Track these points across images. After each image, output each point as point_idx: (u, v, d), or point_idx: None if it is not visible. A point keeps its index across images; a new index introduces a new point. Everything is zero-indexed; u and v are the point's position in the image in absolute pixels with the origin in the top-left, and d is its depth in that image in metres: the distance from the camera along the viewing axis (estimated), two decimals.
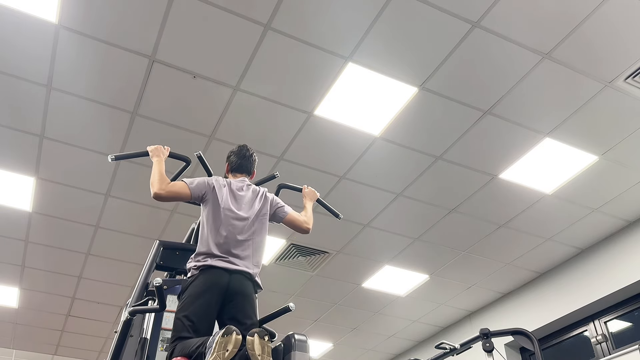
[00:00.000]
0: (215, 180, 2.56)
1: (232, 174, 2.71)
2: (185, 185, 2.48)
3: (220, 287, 2.29)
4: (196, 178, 2.55)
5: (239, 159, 2.71)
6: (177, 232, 5.00)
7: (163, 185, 2.43)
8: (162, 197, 2.44)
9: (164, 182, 2.45)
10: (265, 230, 2.58)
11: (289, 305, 2.65)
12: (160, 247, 2.89)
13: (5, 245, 5.33)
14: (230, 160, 2.72)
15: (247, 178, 2.71)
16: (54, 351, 7.65)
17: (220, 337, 1.95)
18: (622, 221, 5.10)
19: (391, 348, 7.55)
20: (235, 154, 2.73)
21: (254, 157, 2.78)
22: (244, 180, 2.66)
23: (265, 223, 2.58)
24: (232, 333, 1.96)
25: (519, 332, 3.79)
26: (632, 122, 4.01)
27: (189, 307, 2.24)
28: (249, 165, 2.73)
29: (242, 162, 2.71)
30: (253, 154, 2.77)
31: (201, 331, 2.20)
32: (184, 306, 2.26)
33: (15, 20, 3.27)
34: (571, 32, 3.36)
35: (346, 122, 4.03)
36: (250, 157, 2.75)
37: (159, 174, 2.49)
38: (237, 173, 2.70)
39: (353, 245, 5.40)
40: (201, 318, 2.23)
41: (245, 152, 2.74)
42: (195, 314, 2.23)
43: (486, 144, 4.21)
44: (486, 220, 5.03)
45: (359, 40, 3.43)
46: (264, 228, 2.57)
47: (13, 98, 3.79)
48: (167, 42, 3.43)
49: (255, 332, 2.00)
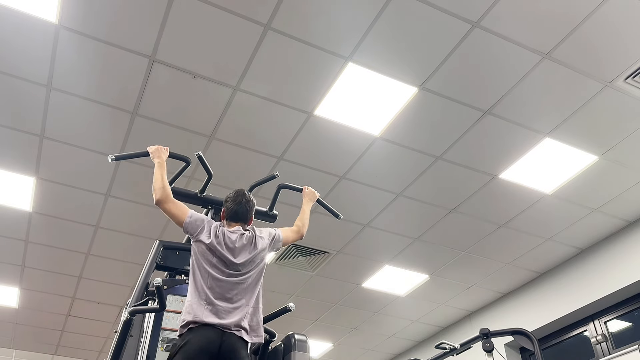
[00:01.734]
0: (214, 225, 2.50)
1: (227, 223, 2.58)
2: (185, 215, 2.44)
3: (213, 349, 2.21)
4: (196, 213, 2.50)
5: (235, 206, 2.58)
6: (177, 232, 4.96)
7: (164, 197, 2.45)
8: (161, 208, 2.46)
9: (167, 193, 2.47)
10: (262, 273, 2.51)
11: (288, 305, 2.65)
12: (160, 247, 2.89)
13: (5, 245, 5.33)
14: (227, 207, 2.60)
15: (243, 226, 2.58)
16: (54, 351, 7.65)
17: None
18: (622, 221, 5.10)
19: (391, 348, 7.55)
20: (232, 200, 2.59)
21: (252, 202, 2.63)
22: (239, 229, 2.54)
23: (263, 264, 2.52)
24: None
25: (519, 332, 3.79)
26: (632, 122, 4.01)
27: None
28: (246, 212, 2.59)
29: (238, 210, 2.57)
30: (250, 199, 2.63)
31: None
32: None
33: (15, 20, 3.27)
34: (571, 32, 3.36)
35: (346, 122, 4.03)
36: (247, 202, 2.60)
37: (162, 182, 2.50)
38: (232, 222, 2.57)
39: (353, 245, 5.40)
40: None
41: (241, 198, 2.59)
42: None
43: (486, 144, 4.21)
44: (486, 220, 5.03)
45: (359, 40, 3.43)
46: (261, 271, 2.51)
47: (13, 98, 3.79)
48: (167, 42, 3.43)
49: None
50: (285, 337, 2.56)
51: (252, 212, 2.64)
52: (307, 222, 2.89)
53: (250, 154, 4.28)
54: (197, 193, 2.95)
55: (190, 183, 4.47)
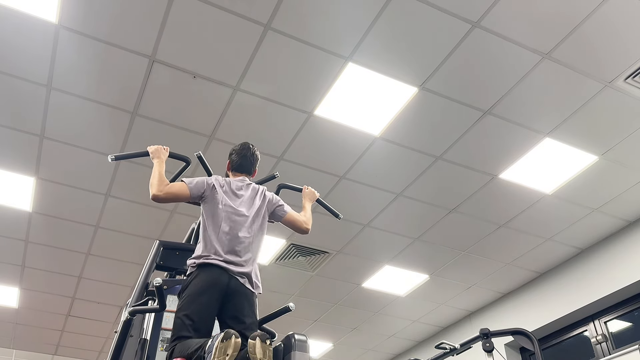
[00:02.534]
0: (215, 179, 2.57)
1: (232, 173, 2.71)
2: (185, 185, 2.48)
3: (221, 286, 2.29)
4: (195, 178, 2.55)
5: (240, 159, 2.70)
6: (177, 232, 5.00)
7: (162, 187, 2.43)
8: (161, 199, 2.44)
9: (163, 183, 2.45)
10: (264, 228, 2.59)
11: (288, 305, 2.65)
12: (160, 247, 2.89)
13: (5, 245, 5.33)
14: (232, 159, 2.72)
15: (248, 177, 2.70)
16: (54, 351, 7.65)
17: (219, 342, 1.94)
18: (622, 221, 5.10)
19: (391, 348, 7.55)
20: (237, 152, 2.72)
21: (256, 156, 2.75)
22: (244, 179, 2.65)
23: (264, 221, 2.58)
24: (231, 337, 1.95)
25: (519, 332, 3.79)
26: (632, 122, 4.01)
27: (189, 306, 2.24)
28: (250, 164, 2.71)
29: (243, 162, 2.70)
30: (255, 153, 2.74)
31: (201, 330, 2.20)
32: (184, 305, 2.26)
33: (15, 20, 3.27)
34: (571, 32, 3.36)
35: (346, 122, 4.03)
36: (252, 156, 2.72)
37: (159, 176, 2.50)
38: (237, 172, 2.69)
39: (353, 245, 5.40)
40: (201, 317, 2.23)
41: (246, 151, 2.71)
42: (195, 313, 2.23)
43: (486, 144, 4.21)
44: (486, 220, 5.03)
45: (359, 40, 3.43)
46: (263, 226, 2.58)
47: (13, 98, 3.79)
48: (167, 42, 3.43)
49: (257, 336, 1.99)
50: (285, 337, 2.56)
51: (256, 164, 2.75)
52: (310, 220, 2.90)
53: None
54: None
55: None
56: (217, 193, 2.50)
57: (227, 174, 2.75)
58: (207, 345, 2.01)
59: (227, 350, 1.93)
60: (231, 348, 1.93)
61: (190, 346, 2.11)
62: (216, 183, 2.54)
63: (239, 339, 1.98)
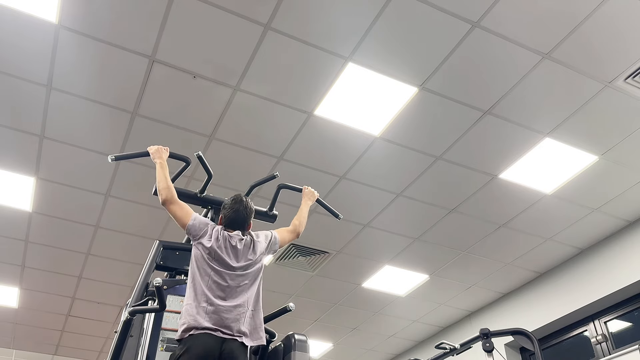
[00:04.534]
0: (215, 229, 2.52)
1: (226, 229, 2.58)
2: (189, 216, 2.49)
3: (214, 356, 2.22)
4: (202, 218, 2.55)
5: (233, 214, 2.57)
6: (177, 232, 4.99)
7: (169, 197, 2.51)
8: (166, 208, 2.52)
9: (172, 194, 2.52)
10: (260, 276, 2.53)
11: (288, 305, 2.65)
12: (160, 247, 2.89)
13: (5, 245, 5.33)
14: (225, 214, 2.60)
15: (242, 232, 2.59)
16: (54, 351, 7.65)
17: None
18: (622, 221, 5.10)
19: (391, 348, 7.55)
20: (230, 207, 2.58)
21: (250, 209, 2.61)
22: (238, 234, 2.56)
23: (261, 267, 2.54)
24: None
25: (519, 332, 3.79)
26: (632, 122, 4.01)
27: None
28: (243, 220, 2.58)
29: (236, 219, 2.57)
30: (248, 206, 2.60)
31: None
32: None
33: (15, 20, 3.27)
34: (571, 32, 3.36)
35: (346, 122, 4.03)
36: (245, 209, 2.58)
37: (166, 182, 2.55)
38: (230, 229, 2.57)
39: (353, 245, 5.40)
40: None
41: (239, 205, 2.58)
42: None
43: (486, 144, 4.21)
44: (486, 220, 5.03)
45: (359, 40, 3.43)
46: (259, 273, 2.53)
47: (13, 98, 3.79)
48: (167, 42, 3.43)
49: None
50: (285, 337, 2.56)
51: (251, 219, 2.61)
52: (305, 221, 2.90)
53: (250, 154, 4.28)
54: (197, 193, 2.94)
55: (191, 183, 4.47)
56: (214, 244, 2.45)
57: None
58: None
59: None
60: None
61: None
62: (214, 234, 2.49)
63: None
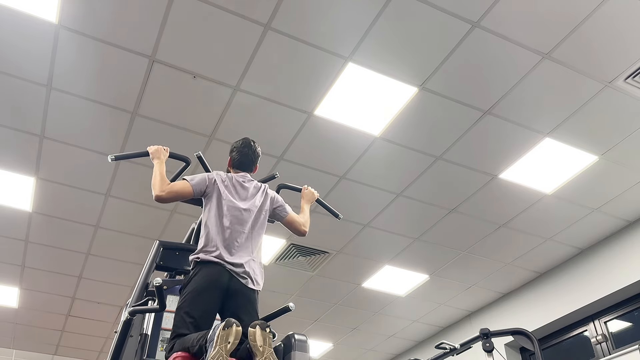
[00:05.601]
0: (216, 174, 2.58)
1: (233, 170, 2.72)
2: (187, 182, 2.50)
3: (221, 285, 2.30)
4: (196, 175, 2.56)
5: (241, 156, 2.69)
6: (177, 232, 5.00)
7: (164, 186, 2.45)
8: (164, 199, 2.46)
9: (165, 183, 2.47)
10: (264, 225, 2.59)
11: (288, 305, 2.65)
12: (160, 247, 2.89)
13: (5, 245, 5.33)
14: (233, 156, 2.71)
15: (249, 174, 2.71)
16: (54, 351, 7.65)
17: (221, 330, 1.98)
18: (622, 221, 5.10)
19: (391, 348, 7.55)
20: (238, 149, 2.70)
21: (257, 153, 2.74)
22: (246, 175, 2.66)
23: (264, 219, 2.59)
24: (232, 325, 1.99)
25: (519, 332, 3.79)
26: (632, 122, 4.01)
27: (190, 304, 2.25)
28: (251, 162, 2.71)
29: (243, 160, 2.70)
30: (256, 150, 2.74)
31: (202, 328, 2.21)
32: (184, 303, 2.27)
33: (15, 20, 3.27)
34: (571, 32, 3.36)
35: (346, 122, 4.03)
36: (253, 153, 2.72)
37: (160, 176, 2.51)
38: (238, 170, 2.69)
39: (353, 245, 5.40)
40: (202, 315, 2.24)
41: (247, 149, 2.70)
42: (196, 310, 2.24)
43: (486, 144, 4.21)
44: (486, 220, 5.03)
45: (359, 40, 3.43)
46: (264, 223, 2.58)
47: (13, 98, 3.79)
48: (167, 42, 3.43)
49: (257, 324, 2.04)
50: (285, 337, 2.56)
51: (257, 161, 2.75)
52: (308, 222, 2.91)
53: None
54: None
55: None
56: (219, 188, 2.51)
57: (228, 170, 2.75)
58: (208, 334, 2.04)
59: (229, 337, 1.96)
60: (232, 336, 1.97)
61: (190, 340, 2.13)
62: (217, 178, 2.55)
63: (240, 327, 2.01)
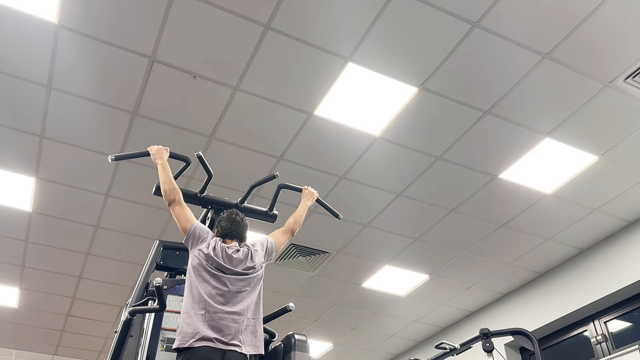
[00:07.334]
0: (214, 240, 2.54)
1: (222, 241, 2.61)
2: (190, 223, 2.53)
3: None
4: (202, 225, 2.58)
5: (230, 225, 2.62)
6: (177, 232, 4.95)
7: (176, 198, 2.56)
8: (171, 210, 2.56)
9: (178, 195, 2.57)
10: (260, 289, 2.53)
11: (288, 305, 2.65)
12: (160, 247, 2.89)
13: (5, 245, 5.33)
14: (221, 226, 2.63)
15: (239, 243, 2.61)
16: (54, 351, 7.65)
17: None
18: (622, 221, 5.10)
19: (391, 348, 7.55)
20: (225, 219, 2.64)
21: (245, 223, 2.67)
22: (235, 245, 2.58)
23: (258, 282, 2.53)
24: None
25: (519, 332, 3.79)
26: (632, 122, 4.01)
27: None
28: (240, 230, 2.63)
29: (233, 228, 2.61)
30: (244, 219, 2.67)
31: None
32: None
33: (15, 20, 3.27)
34: (571, 32, 3.36)
35: (346, 122, 4.03)
36: (241, 222, 2.64)
37: (172, 183, 2.59)
38: (227, 239, 2.59)
39: (353, 245, 5.40)
40: None
41: (235, 217, 2.65)
42: None
43: (486, 144, 4.21)
44: (486, 220, 5.03)
45: (359, 40, 3.43)
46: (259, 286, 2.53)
47: (13, 98, 3.79)
48: (167, 42, 3.43)
49: None
50: (285, 337, 2.56)
51: (246, 232, 2.67)
52: (301, 220, 2.91)
53: (250, 154, 4.28)
54: (197, 193, 2.95)
55: (190, 183, 4.47)
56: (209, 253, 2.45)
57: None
58: None
59: None
60: None
61: None
62: (213, 242, 2.50)
63: None
